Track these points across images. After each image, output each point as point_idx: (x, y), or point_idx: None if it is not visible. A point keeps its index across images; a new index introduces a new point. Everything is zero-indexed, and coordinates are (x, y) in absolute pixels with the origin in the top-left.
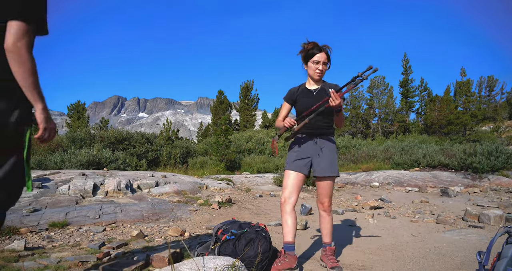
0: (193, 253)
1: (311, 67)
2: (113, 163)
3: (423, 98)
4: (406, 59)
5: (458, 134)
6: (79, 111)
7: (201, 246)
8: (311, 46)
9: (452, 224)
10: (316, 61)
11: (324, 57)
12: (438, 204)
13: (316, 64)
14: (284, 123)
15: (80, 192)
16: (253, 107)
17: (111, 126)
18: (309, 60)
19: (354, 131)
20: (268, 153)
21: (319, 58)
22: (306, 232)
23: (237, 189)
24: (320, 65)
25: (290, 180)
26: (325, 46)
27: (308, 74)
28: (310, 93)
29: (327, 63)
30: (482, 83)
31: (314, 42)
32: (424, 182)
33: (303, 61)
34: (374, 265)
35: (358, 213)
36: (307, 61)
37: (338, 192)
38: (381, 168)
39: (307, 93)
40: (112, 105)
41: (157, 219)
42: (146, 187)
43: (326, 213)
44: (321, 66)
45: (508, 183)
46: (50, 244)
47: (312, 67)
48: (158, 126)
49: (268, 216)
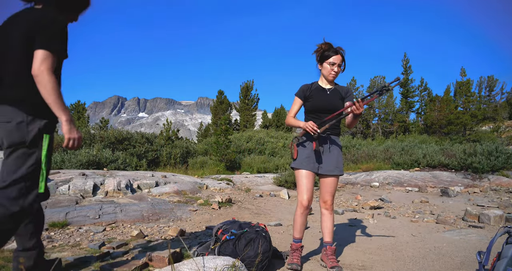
0: (193, 253)
1: (326, 68)
2: (113, 163)
3: (423, 98)
4: (406, 59)
5: (458, 134)
6: (79, 111)
7: (201, 246)
8: (327, 48)
9: (452, 224)
10: (332, 63)
11: (340, 59)
12: (438, 204)
13: (332, 66)
14: (306, 128)
15: (80, 192)
16: (253, 107)
17: (111, 126)
18: (325, 61)
19: (354, 131)
20: (268, 153)
21: (335, 60)
22: (306, 232)
23: (237, 189)
24: (335, 67)
25: (305, 179)
26: (339, 48)
27: (322, 74)
28: (325, 92)
29: (341, 65)
30: (482, 83)
31: (330, 43)
32: (424, 182)
33: (317, 61)
34: (374, 265)
35: (358, 213)
36: (322, 62)
37: (338, 192)
38: (381, 168)
39: (322, 91)
40: (112, 105)
41: (157, 219)
42: (146, 187)
43: (328, 211)
44: (337, 68)
45: (508, 183)
46: (50, 244)
47: (327, 68)
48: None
49: (268, 216)
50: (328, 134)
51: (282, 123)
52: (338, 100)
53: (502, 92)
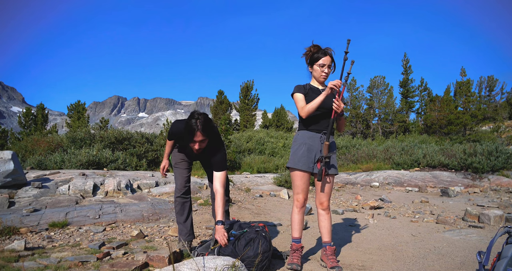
0: (193, 253)
1: (316, 70)
2: (113, 163)
3: (423, 98)
4: (406, 59)
5: (458, 134)
6: (79, 111)
7: (201, 246)
8: (316, 50)
9: (452, 224)
10: (321, 64)
11: (329, 60)
12: (438, 204)
13: (322, 67)
14: (334, 86)
15: (80, 192)
16: (253, 107)
17: (111, 126)
18: (315, 64)
19: (354, 131)
20: (268, 153)
21: (324, 62)
22: (306, 232)
23: (237, 189)
24: (325, 69)
25: (300, 180)
26: (328, 49)
27: (313, 76)
28: (319, 92)
29: (331, 66)
30: (482, 83)
31: (318, 45)
32: (424, 182)
33: (307, 64)
34: (374, 265)
35: (358, 213)
36: (312, 64)
37: (338, 192)
38: (381, 168)
39: (317, 91)
40: (112, 105)
41: (157, 219)
42: (146, 187)
43: (325, 212)
44: (327, 69)
45: (508, 183)
46: (50, 244)
47: (318, 70)
48: (158, 126)
49: (268, 216)
50: (324, 133)
51: (282, 123)
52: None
53: (502, 92)
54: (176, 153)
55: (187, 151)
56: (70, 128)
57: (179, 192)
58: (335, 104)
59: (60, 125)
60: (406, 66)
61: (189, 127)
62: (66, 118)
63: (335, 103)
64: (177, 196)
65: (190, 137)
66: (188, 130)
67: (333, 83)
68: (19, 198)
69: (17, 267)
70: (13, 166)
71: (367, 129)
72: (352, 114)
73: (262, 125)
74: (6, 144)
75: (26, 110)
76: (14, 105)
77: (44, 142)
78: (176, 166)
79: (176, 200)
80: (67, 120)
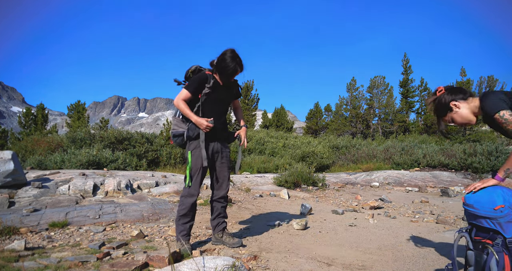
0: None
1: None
2: (113, 163)
3: (423, 98)
4: (406, 59)
5: (458, 134)
6: (79, 111)
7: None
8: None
9: (452, 224)
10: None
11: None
12: (438, 204)
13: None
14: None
15: (80, 192)
16: (253, 107)
17: (111, 126)
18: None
19: (354, 131)
20: (268, 153)
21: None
22: (306, 232)
23: (237, 189)
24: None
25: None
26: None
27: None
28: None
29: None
30: (482, 83)
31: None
32: (424, 182)
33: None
34: (374, 265)
35: (358, 213)
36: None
37: (338, 192)
38: (381, 168)
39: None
40: (112, 105)
41: (157, 219)
42: (146, 187)
43: None
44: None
45: (508, 183)
46: (50, 244)
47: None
48: (158, 126)
49: (268, 216)
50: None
51: (282, 123)
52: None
53: None
54: (199, 156)
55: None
56: (70, 128)
57: (193, 197)
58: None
59: (60, 125)
60: (406, 66)
61: (237, 60)
62: (66, 118)
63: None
64: (193, 202)
65: (233, 71)
66: (236, 64)
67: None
68: (19, 198)
69: (17, 267)
70: (13, 166)
71: (367, 129)
72: (352, 114)
73: (262, 125)
74: (6, 144)
75: (26, 110)
76: (14, 105)
77: (44, 142)
78: (198, 171)
79: (187, 202)
80: (67, 120)
